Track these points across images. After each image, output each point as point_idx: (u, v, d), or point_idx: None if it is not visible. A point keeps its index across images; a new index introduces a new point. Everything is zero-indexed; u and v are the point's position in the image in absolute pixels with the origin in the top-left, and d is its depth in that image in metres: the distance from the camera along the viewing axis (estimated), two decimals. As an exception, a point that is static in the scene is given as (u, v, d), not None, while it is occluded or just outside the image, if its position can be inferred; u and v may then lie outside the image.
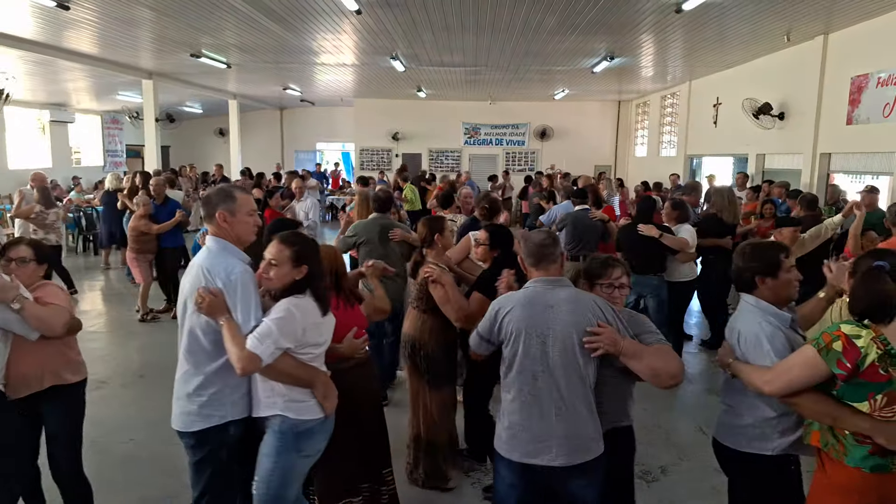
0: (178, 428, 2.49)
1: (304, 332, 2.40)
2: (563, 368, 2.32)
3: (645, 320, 2.57)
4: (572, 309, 2.35)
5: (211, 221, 2.49)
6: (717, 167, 13.41)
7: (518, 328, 2.37)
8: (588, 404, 2.36)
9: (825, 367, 2.06)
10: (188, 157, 19.29)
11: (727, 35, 9.06)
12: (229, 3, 7.34)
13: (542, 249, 2.49)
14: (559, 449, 2.31)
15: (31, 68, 11.60)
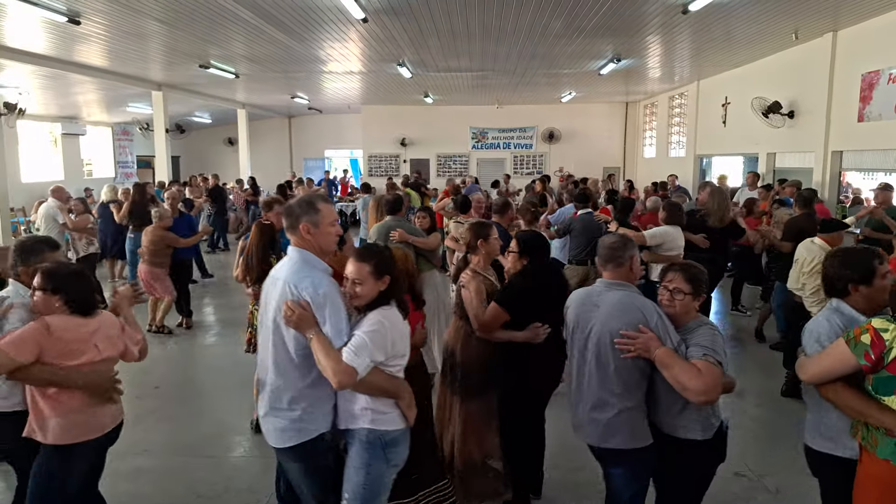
0: (276, 444, 2.49)
1: (394, 344, 2.42)
2: (596, 362, 2.58)
3: (709, 333, 2.49)
4: (614, 312, 2.55)
5: (294, 233, 2.49)
6: (727, 167, 13.34)
7: (572, 321, 2.75)
8: (620, 399, 2.54)
9: (853, 358, 2.13)
10: (198, 167, 19.41)
11: (734, 34, 9.01)
12: (237, 13, 7.39)
13: (611, 252, 2.68)
14: (587, 429, 2.66)
15: (42, 82, 11.74)
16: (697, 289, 2.57)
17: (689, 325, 2.55)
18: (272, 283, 2.50)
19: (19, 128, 14.01)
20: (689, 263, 2.70)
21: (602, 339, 2.55)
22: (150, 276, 6.82)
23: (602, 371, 2.56)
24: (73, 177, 16.50)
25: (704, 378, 2.31)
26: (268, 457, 4.11)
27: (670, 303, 2.57)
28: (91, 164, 18.58)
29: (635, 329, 2.45)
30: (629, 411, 2.54)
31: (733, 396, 5.08)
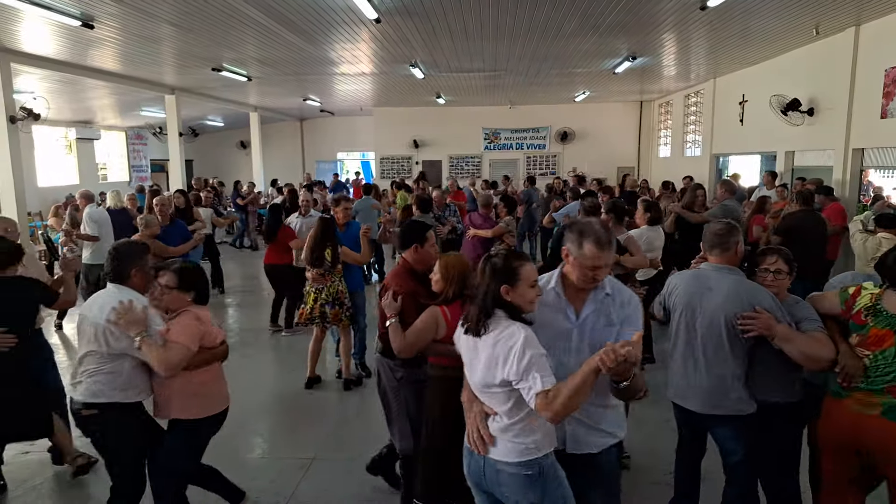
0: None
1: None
2: (708, 339, 2.86)
3: (808, 307, 2.82)
4: (729, 295, 2.81)
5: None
6: (745, 166, 13.14)
7: (681, 302, 2.98)
8: (731, 371, 2.83)
9: (837, 302, 2.72)
10: (211, 171, 19.50)
11: (753, 31, 8.85)
12: (250, 16, 7.37)
13: (717, 238, 2.92)
14: (696, 399, 2.94)
15: (57, 87, 11.83)
16: (792, 269, 2.91)
17: (787, 302, 2.84)
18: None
19: (34, 133, 14.18)
20: (782, 248, 3.01)
21: (718, 320, 2.82)
22: None
23: (720, 349, 2.84)
24: (87, 181, 16.62)
25: (829, 346, 2.64)
26: (286, 458, 4.09)
27: (773, 283, 2.85)
28: (106, 169, 18.73)
29: (751, 310, 2.74)
30: (739, 381, 2.85)
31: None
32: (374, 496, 3.69)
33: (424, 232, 3.34)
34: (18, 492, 3.80)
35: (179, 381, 2.93)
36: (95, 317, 2.85)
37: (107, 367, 2.86)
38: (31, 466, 4.13)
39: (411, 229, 3.39)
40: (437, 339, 2.94)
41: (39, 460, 4.17)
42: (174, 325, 2.90)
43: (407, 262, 3.32)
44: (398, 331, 2.99)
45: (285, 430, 4.82)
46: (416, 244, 3.28)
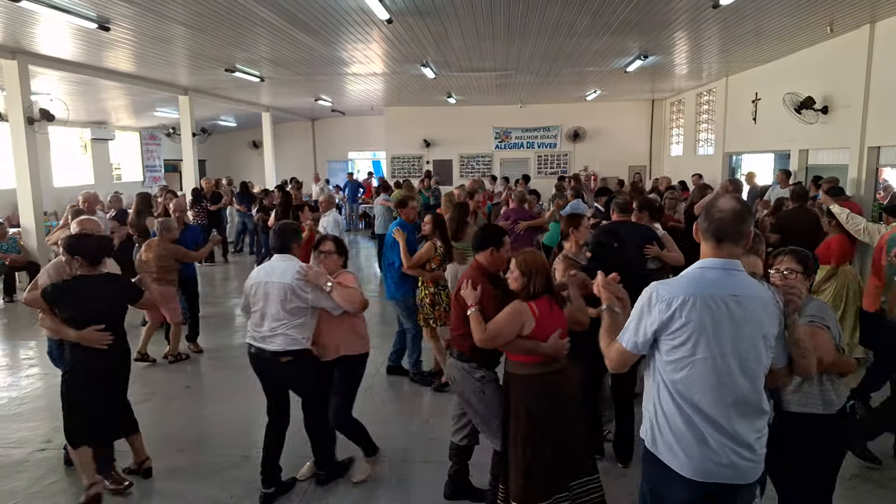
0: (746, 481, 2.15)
1: None
2: None
3: (814, 306, 2.72)
4: None
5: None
6: (758, 165, 13.05)
7: None
8: None
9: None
10: (224, 171, 19.64)
11: (766, 29, 8.79)
12: (262, 17, 7.42)
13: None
14: None
15: (72, 88, 11.98)
16: (807, 268, 2.79)
17: (805, 302, 2.68)
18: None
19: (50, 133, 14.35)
20: (797, 248, 2.90)
21: None
22: (162, 297, 5.94)
23: None
24: (102, 181, 16.81)
25: (813, 339, 2.46)
26: (299, 456, 4.12)
27: (785, 282, 2.70)
28: (120, 169, 18.92)
29: None
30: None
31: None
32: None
33: (502, 236, 3.38)
34: (36, 487, 3.87)
35: (347, 324, 3.66)
36: (282, 279, 3.50)
37: (297, 321, 3.50)
38: (50, 462, 4.20)
39: (489, 233, 3.42)
40: (522, 335, 2.97)
41: (58, 457, 4.24)
42: (341, 279, 3.63)
43: (481, 264, 3.32)
44: (480, 321, 3.02)
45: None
46: (492, 247, 3.30)
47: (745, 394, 2.08)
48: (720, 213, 2.10)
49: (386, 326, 7.10)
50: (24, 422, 4.94)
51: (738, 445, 2.07)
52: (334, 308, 3.55)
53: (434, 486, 3.70)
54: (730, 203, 2.12)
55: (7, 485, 3.91)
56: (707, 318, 2.04)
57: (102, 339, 3.51)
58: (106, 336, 3.52)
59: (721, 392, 2.06)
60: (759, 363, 2.10)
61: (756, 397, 2.11)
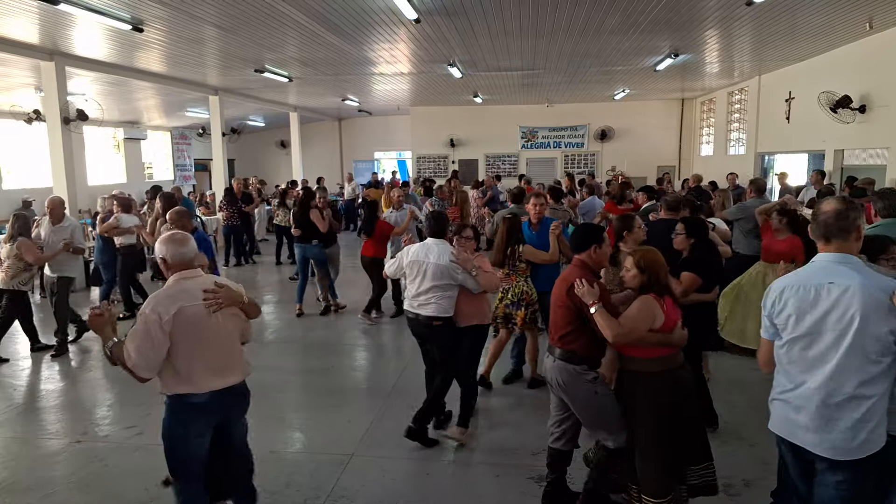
0: (848, 457, 2.24)
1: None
2: None
3: None
4: None
5: None
6: (791, 165, 12.75)
7: None
8: None
9: None
10: (252, 170, 19.91)
11: (801, 26, 8.58)
12: (292, 18, 7.49)
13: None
14: None
15: (106, 88, 12.24)
16: None
17: None
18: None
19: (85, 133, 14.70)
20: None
21: None
22: None
23: None
24: (134, 180, 17.17)
25: None
26: (324, 453, 4.15)
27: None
28: (151, 168, 19.29)
29: None
30: None
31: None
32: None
33: (602, 233, 3.37)
34: (73, 478, 3.95)
35: (480, 299, 4.32)
36: (438, 261, 4.16)
37: (448, 293, 4.18)
38: (86, 453, 4.30)
39: (591, 231, 3.40)
40: (653, 328, 3.01)
41: (93, 448, 4.34)
42: (481, 263, 4.24)
43: (585, 262, 3.29)
44: (609, 317, 3.00)
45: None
46: (595, 245, 3.28)
47: None
48: (823, 214, 2.33)
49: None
50: (62, 413, 5.06)
51: None
52: (475, 287, 4.20)
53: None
54: (831, 205, 2.33)
55: (45, 473, 4.00)
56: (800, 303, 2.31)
57: None
58: None
59: None
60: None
61: None
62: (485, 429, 4.61)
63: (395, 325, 7.49)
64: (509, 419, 4.76)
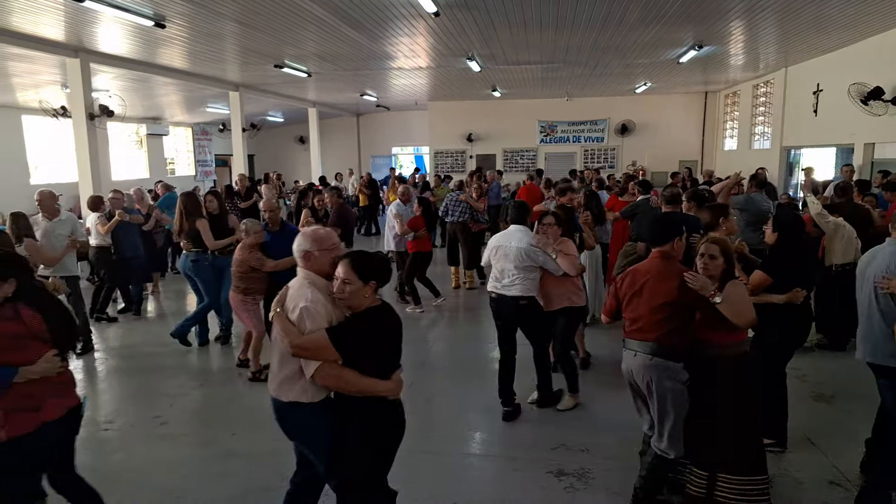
0: None
1: None
2: (868, 298, 3.41)
3: None
4: (880, 261, 3.35)
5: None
6: (818, 159, 12.49)
7: (859, 273, 3.57)
8: (881, 326, 3.30)
9: None
10: (271, 165, 20.06)
11: (829, 16, 8.36)
12: (312, 12, 7.50)
13: None
14: (859, 350, 3.49)
15: (129, 85, 12.39)
16: None
17: None
18: None
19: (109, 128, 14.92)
20: None
21: (871, 281, 3.37)
22: (236, 306, 5.52)
23: (877, 307, 3.32)
24: (157, 175, 17.38)
25: None
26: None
27: None
28: (173, 164, 19.54)
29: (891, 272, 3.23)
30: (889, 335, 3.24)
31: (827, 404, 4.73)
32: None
33: (681, 225, 3.36)
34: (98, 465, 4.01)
35: (570, 282, 4.60)
36: (519, 244, 4.47)
37: (530, 276, 4.50)
38: (112, 442, 4.36)
39: (672, 222, 3.40)
40: None
41: (120, 437, 4.40)
42: (563, 247, 4.53)
43: (670, 254, 3.26)
44: (735, 304, 3.07)
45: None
46: (677, 237, 3.27)
47: None
48: None
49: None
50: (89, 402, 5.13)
51: None
52: (556, 270, 4.46)
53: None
54: None
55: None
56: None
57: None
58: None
59: None
60: None
61: None
62: (503, 422, 4.59)
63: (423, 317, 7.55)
64: (528, 413, 4.73)
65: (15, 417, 2.55)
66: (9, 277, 2.61)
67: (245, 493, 3.67)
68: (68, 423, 2.79)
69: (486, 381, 5.16)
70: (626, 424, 4.19)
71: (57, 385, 2.71)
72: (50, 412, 2.66)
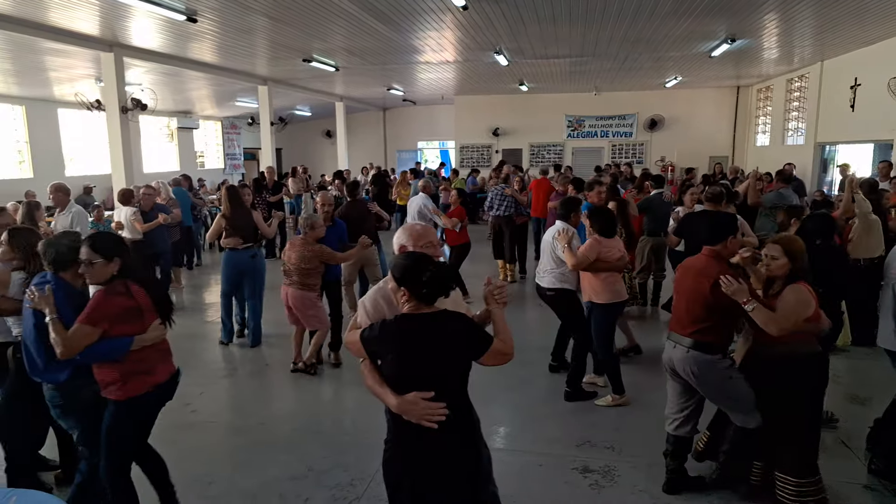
0: None
1: None
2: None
3: None
4: None
5: None
6: (855, 155, 12.15)
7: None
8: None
9: None
10: (299, 159, 20.23)
11: (869, 7, 8.11)
12: (340, 6, 7.53)
13: None
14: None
15: (160, 79, 12.60)
16: None
17: None
18: None
19: (141, 122, 15.21)
20: None
21: None
22: (301, 303, 5.32)
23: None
24: (187, 168, 17.67)
25: None
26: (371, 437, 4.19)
27: None
28: (203, 157, 19.84)
29: None
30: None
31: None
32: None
33: (736, 226, 3.37)
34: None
35: (597, 279, 4.57)
36: (548, 237, 4.80)
37: (559, 268, 4.70)
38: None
39: (726, 221, 3.36)
40: (807, 317, 3.05)
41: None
42: (568, 242, 4.63)
43: (720, 253, 3.27)
44: (768, 312, 3.01)
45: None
46: (731, 236, 3.28)
47: None
48: None
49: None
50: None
51: None
52: (567, 262, 4.59)
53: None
54: None
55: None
56: None
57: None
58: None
59: None
60: None
61: None
62: (528, 418, 4.58)
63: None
64: (555, 408, 4.71)
65: (132, 381, 2.86)
66: (114, 257, 2.84)
67: (273, 480, 3.73)
68: (169, 388, 3.07)
69: (511, 377, 5.14)
70: (653, 423, 4.14)
71: (161, 352, 3.02)
72: (159, 376, 2.97)
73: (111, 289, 2.82)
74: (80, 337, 2.70)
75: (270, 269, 6.79)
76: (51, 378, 2.90)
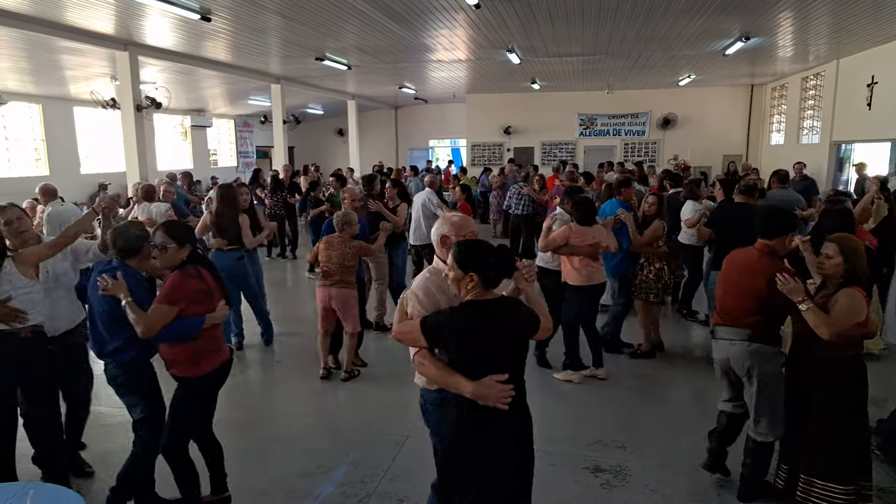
0: None
1: None
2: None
3: None
4: None
5: None
6: (871, 155, 12.01)
7: None
8: None
9: None
10: (311, 157, 20.31)
11: (884, 5, 8.00)
12: (353, 5, 7.55)
13: None
14: None
15: (174, 77, 12.71)
16: None
17: None
18: None
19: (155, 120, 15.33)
20: None
21: None
22: (346, 303, 5.12)
23: None
24: (200, 166, 17.81)
25: None
26: (382, 433, 4.21)
27: None
28: (216, 155, 19.98)
29: None
30: None
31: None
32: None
33: (795, 223, 3.32)
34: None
35: (575, 260, 4.94)
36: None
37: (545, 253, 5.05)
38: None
39: (786, 217, 3.28)
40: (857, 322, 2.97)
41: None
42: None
43: (775, 250, 3.21)
44: (822, 315, 2.94)
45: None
46: (791, 232, 3.22)
47: None
48: None
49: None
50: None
51: None
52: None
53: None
54: None
55: (105, 445, 4.19)
56: None
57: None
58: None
59: None
60: None
61: None
62: (540, 416, 4.55)
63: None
64: (566, 407, 4.70)
65: (205, 358, 3.09)
66: (186, 243, 3.06)
67: (284, 476, 3.75)
68: (228, 366, 3.28)
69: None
70: (666, 422, 4.13)
71: (221, 332, 3.23)
72: (223, 354, 3.22)
73: (186, 272, 3.01)
74: (160, 316, 2.91)
75: (281, 268, 6.78)
76: (120, 358, 3.11)
